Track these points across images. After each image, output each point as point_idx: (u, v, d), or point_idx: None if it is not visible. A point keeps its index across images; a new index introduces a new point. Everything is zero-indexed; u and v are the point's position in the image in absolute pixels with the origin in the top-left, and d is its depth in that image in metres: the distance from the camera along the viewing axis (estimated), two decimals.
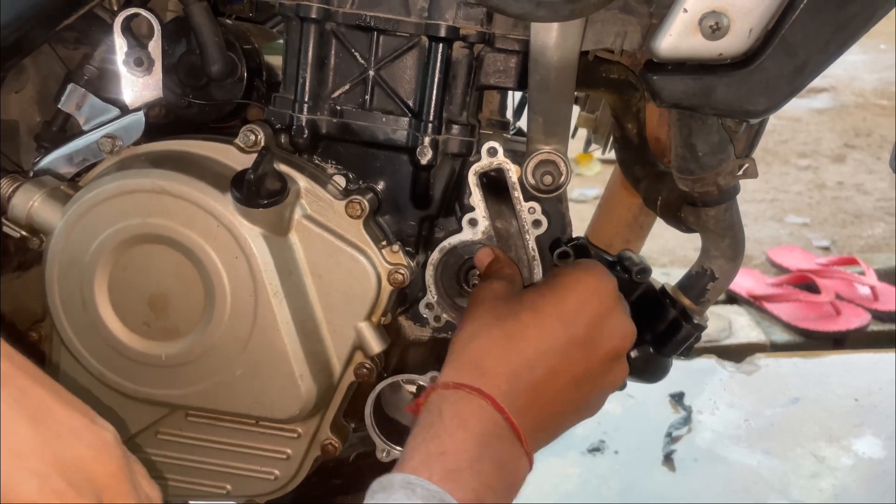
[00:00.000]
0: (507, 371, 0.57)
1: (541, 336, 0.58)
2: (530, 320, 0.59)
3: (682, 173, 0.69)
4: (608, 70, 0.76)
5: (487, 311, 0.61)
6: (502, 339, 0.58)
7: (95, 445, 0.45)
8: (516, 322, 0.59)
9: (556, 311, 0.59)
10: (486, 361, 0.57)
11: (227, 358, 0.66)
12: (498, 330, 0.58)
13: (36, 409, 0.45)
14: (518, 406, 0.56)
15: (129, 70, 0.68)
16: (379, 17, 0.66)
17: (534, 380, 0.57)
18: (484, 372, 0.56)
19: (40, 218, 0.66)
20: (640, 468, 1.69)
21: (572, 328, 0.59)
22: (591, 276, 0.62)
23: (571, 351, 0.59)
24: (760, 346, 2.17)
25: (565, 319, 0.59)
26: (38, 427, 0.44)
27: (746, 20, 0.54)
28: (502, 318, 0.59)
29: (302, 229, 0.67)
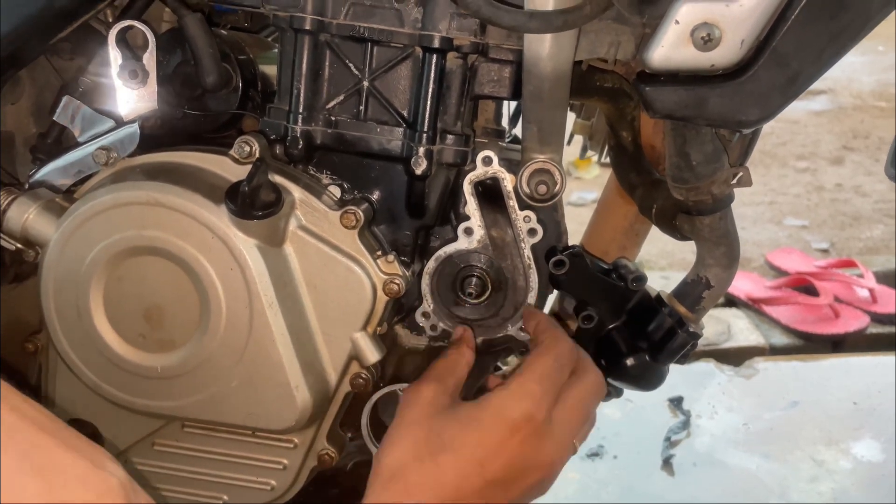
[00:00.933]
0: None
1: (457, 482, 0.58)
2: (447, 463, 0.59)
3: (676, 182, 0.69)
4: (602, 79, 0.76)
5: (408, 442, 0.61)
6: (418, 483, 0.58)
7: (99, 491, 0.46)
8: (433, 465, 0.59)
9: (473, 454, 0.59)
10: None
11: (223, 369, 0.66)
12: (415, 473, 0.59)
13: (42, 460, 0.45)
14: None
15: (124, 82, 0.68)
16: (373, 29, 0.67)
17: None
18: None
19: (35, 230, 0.66)
20: (639, 473, 1.69)
21: (489, 472, 0.59)
22: (516, 409, 0.61)
23: (488, 493, 0.59)
24: (759, 350, 2.17)
25: (483, 462, 0.59)
26: (44, 477, 0.44)
27: (738, 31, 0.55)
28: (420, 459, 0.59)
29: (297, 240, 0.67)
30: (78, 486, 0.45)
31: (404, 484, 0.59)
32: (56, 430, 0.47)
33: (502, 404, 0.61)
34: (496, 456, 0.59)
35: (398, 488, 0.59)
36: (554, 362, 0.65)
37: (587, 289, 0.75)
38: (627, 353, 0.76)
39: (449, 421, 0.61)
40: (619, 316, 0.76)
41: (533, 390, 0.62)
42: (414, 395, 0.64)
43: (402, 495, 0.58)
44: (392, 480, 0.59)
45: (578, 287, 0.75)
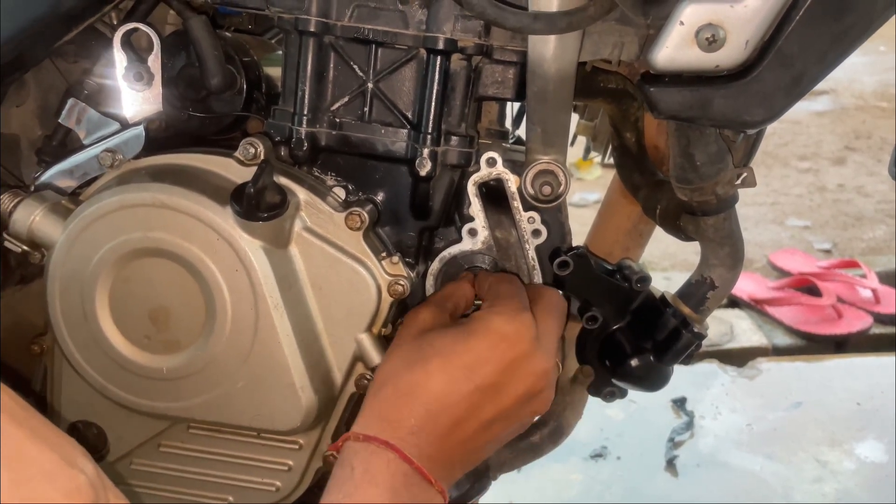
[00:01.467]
0: (412, 423, 0.58)
1: (445, 387, 0.59)
2: (436, 368, 0.59)
3: (680, 183, 0.69)
4: (606, 80, 0.76)
5: (402, 352, 0.62)
6: (408, 388, 0.59)
7: (67, 489, 0.45)
8: (423, 371, 0.59)
9: (462, 360, 0.60)
10: (393, 413, 0.58)
11: (229, 370, 0.66)
12: (405, 379, 0.60)
13: (9, 451, 0.44)
14: (427, 453, 0.58)
15: (129, 84, 0.68)
16: (377, 30, 0.67)
17: (440, 430, 0.59)
18: (391, 423, 0.58)
19: (41, 233, 0.66)
20: (643, 474, 1.69)
21: (478, 377, 0.60)
22: (503, 320, 0.62)
23: (477, 398, 0.60)
24: (762, 350, 2.17)
25: (472, 367, 0.60)
26: (10, 470, 0.43)
27: (743, 32, 0.55)
28: (411, 365, 0.60)
29: (302, 242, 0.67)
30: (44, 482, 0.44)
31: (393, 388, 0.59)
32: (27, 419, 0.46)
33: (490, 318, 0.62)
34: (485, 363, 0.60)
35: (387, 393, 0.60)
36: (514, 284, 0.67)
37: (591, 289, 0.75)
38: (632, 353, 0.76)
39: (441, 334, 0.62)
40: (623, 317, 0.76)
41: (514, 305, 0.63)
42: (412, 317, 0.66)
43: (390, 400, 0.59)
44: (382, 387, 0.60)
45: (582, 288, 0.75)
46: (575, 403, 0.88)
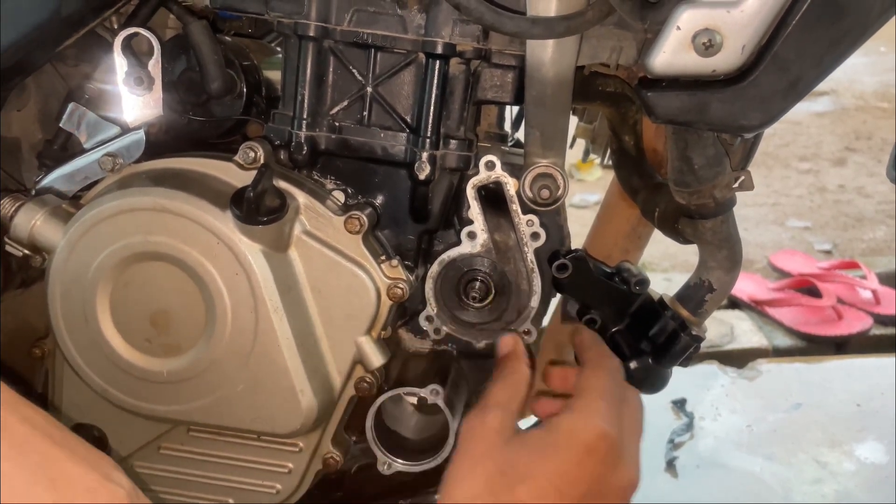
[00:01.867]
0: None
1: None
2: (525, 495, 0.55)
3: (678, 186, 0.70)
4: (604, 83, 0.77)
5: (480, 475, 0.57)
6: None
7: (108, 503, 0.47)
8: (510, 499, 0.55)
9: (550, 482, 0.55)
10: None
11: (229, 373, 0.67)
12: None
13: (54, 472, 0.46)
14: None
15: (130, 89, 0.69)
16: (376, 35, 0.67)
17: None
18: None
19: (42, 237, 0.67)
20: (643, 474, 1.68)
21: (569, 498, 0.56)
22: (590, 430, 0.57)
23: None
24: (762, 351, 2.17)
25: (563, 490, 0.55)
26: (56, 490, 0.46)
27: (739, 37, 0.55)
28: (496, 493, 0.55)
29: (301, 245, 0.67)
30: (87, 498, 0.46)
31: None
32: (65, 440, 0.48)
33: (574, 426, 0.57)
34: (575, 482, 0.56)
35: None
36: (610, 377, 0.62)
37: (590, 292, 0.75)
38: (631, 356, 0.76)
39: (520, 450, 0.57)
40: (622, 319, 0.76)
41: (601, 408, 0.58)
42: (479, 425, 0.60)
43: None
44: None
45: (581, 291, 0.75)
46: None
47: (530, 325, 0.75)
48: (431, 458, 0.71)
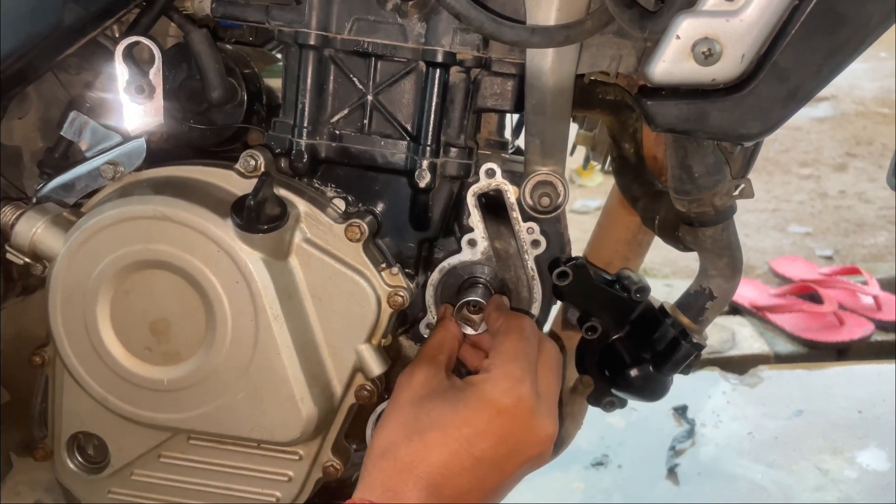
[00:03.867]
0: (415, 495, 0.57)
1: (446, 459, 0.58)
2: (435, 441, 0.59)
3: (678, 194, 0.70)
4: (604, 91, 0.77)
5: (399, 421, 0.61)
6: (408, 461, 0.58)
7: None
8: (422, 443, 0.59)
9: (461, 432, 0.59)
10: (396, 485, 0.58)
11: (229, 382, 0.67)
12: (404, 451, 0.59)
13: None
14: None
15: (131, 97, 0.69)
16: (377, 43, 0.67)
17: (444, 501, 0.58)
18: (395, 494, 0.57)
19: (43, 245, 0.67)
20: (644, 482, 1.68)
21: (478, 450, 0.59)
22: (502, 392, 0.60)
23: (479, 470, 0.59)
24: (764, 358, 2.16)
25: (471, 440, 0.59)
26: None
27: (738, 46, 0.55)
28: (409, 436, 0.59)
29: (302, 253, 0.67)
30: None
31: (393, 460, 0.59)
32: None
33: (485, 389, 0.61)
34: (484, 435, 0.59)
35: (387, 465, 0.59)
36: (521, 338, 0.65)
37: (590, 300, 0.75)
38: (631, 363, 0.76)
39: (437, 401, 0.61)
40: (622, 326, 0.76)
41: (513, 371, 0.62)
42: (406, 378, 0.64)
43: (391, 471, 0.58)
44: (382, 458, 0.59)
45: (582, 298, 0.75)
46: (575, 414, 0.88)
47: None
48: None
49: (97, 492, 0.75)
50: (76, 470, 0.75)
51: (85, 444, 0.75)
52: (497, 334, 0.67)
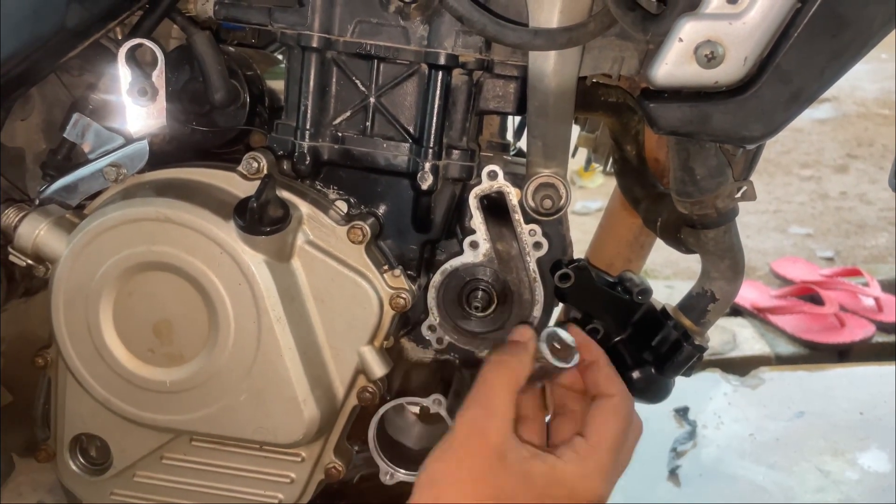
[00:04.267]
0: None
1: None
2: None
3: (680, 196, 0.70)
4: (606, 94, 0.77)
5: (472, 495, 0.57)
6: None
7: None
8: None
9: None
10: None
11: (231, 383, 0.67)
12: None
13: None
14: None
15: (134, 99, 0.69)
16: (379, 46, 0.67)
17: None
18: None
19: (46, 247, 0.67)
20: (645, 483, 1.68)
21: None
22: (587, 491, 0.59)
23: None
24: (765, 359, 2.16)
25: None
26: None
27: (741, 49, 0.55)
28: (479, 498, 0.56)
29: (304, 255, 0.67)
30: None
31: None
32: None
33: (577, 485, 0.58)
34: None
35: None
36: (623, 426, 0.62)
37: (592, 302, 0.75)
38: (633, 365, 0.76)
39: (519, 483, 0.57)
40: (624, 329, 0.76)
41: (603, 463, 0.59)
42: (479, 436, 0.58)
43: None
44: None
45: (584, 300, 0.75)
46: None
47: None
48: None
49: (99, 493, 0.75)
50: (78, 471, 0.75)
51: (87, 445, 0.75)
52: (595, 406, 0.62)
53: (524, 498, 0.56)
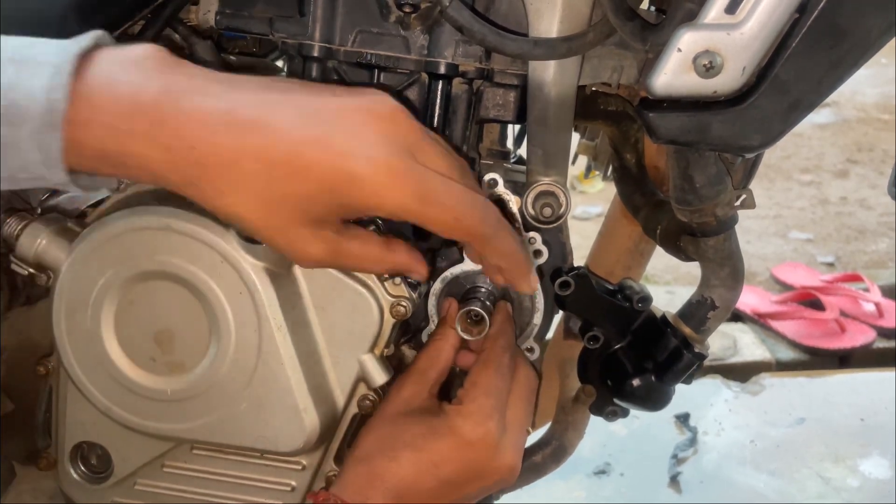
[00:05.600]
0: (382, 502, 0.63)
1: (413, 477, 0.64)
2: (406, 460, 0.63)
3: (680, 204, 0.70)
4: (606, 102, 0.77)
5: (380, 433, 0.66)
6: (381, 471, 0.63)
7: None
8: (394, 459, 0.64)
9: (429, 457, 0.64)
10: (367, 490, 0.63)
11: (232, 392, 0.67)
12: (378, 461, 0.64)
13: None
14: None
15: None
16: (380, 55, 0.68)
17: None
18: (365, 497, 0.63)
19: (48, 256, 0.67)
20: (646, 490, 1.68)
21: (443, 473, 0.64)
22: (471, 427, 0.64)
23: (441, 490, 0.64)
24: (766, 365, 2.16)
25: (438, 465, 0.64)
26: None
27: (739, 59, 0.55)
28: (384, 450, 0.64)
29: None
30: None
31: (368, 468, 0.64)
32: None
33: (459, 422, 0.65)
34: (451, 462, 0.64)
35: (363, 470, 0.64)
36: (497, 373, 0.68)
37: (592, 309, 0.76)
38: (633, 373, 0.76)
39: (416, 422, 0.66)
40: (624, 336, 0.77)
41: (484, 407, 0.65)
42: (395, 391, 0.69)
43: (365, 477, 0.63)
44: (359, 463, 0.64)
45: (584, 308, 0.76)
46: (577, 423, 0.88)
47: (533, 342, 0.76)
48: None
49: (100, 501, 0.75)
50: (79, 479, 0.75)
51: (88, 453, 0.75)
52: (477, 363, 0.69)
53: (416, 433, 0.65)
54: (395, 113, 0.52)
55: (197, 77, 0.50)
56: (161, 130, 0.47)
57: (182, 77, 0.49)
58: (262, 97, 0.50)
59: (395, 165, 0.50)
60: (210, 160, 0.48)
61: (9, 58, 0.47)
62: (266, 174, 0.49)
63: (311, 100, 0.51)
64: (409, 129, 0.53)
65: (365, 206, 0.51)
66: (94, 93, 0.47)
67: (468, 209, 0.54)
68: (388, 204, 0.51)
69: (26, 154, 0.47)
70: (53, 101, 0.46)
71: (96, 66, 0.48)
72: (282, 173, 0.49)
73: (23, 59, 0.47)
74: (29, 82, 0.46)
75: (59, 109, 0.46)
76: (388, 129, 0.51)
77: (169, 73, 0.49)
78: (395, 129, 0.52)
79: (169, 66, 0.49)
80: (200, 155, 0.48)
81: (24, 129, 0.46)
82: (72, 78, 0.47)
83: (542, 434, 0.94)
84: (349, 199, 0.50)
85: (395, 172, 0.50)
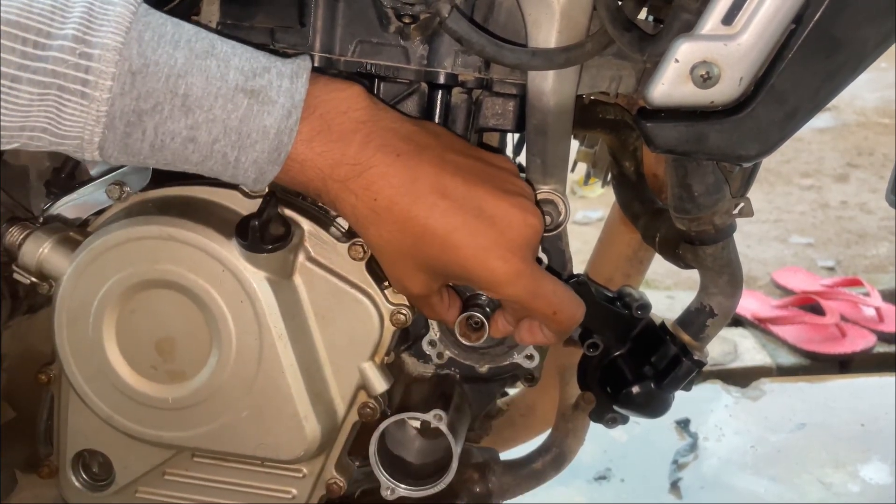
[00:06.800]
0: None
1: None
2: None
3: (678, 213, 0.70)
4: (604, 111, 0.78)
5: None
6: None
7: None
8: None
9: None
10: None
11: (233, 400, 0.67)
12: None
13: None
14: None
15: None
16: (380, 65, 0.68)
17: None
18: None
19: (50, 265, 0.68)
20: (647, 496, 1.68)
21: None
22: None
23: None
24: (766, 370, 2.16)
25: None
26: None
27: (736, 69, 0.56)
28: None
29: (306, 272, 0.68)
30: None
31: None
32: None
33: None
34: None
35: None
36: None
37: (592, 317, 0.76)
38: (633, 380, 0.76)
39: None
40: (623, 344, 0.77)
41: None
42: None
43: None
44: None
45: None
46: (577, 430, 0.88)
47: (533, 349, 0.76)
48: (435, 482, 0.72)
49: None
50: (81, 487, 0.75)
51: (90, 461, 0.75)
52: None
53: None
54: (536, 221, 0.61)
55: (388, 133, 0.59)
56: (356, 182, 0.57)
57: (376, 131, 0.58)
58: (437, 171, 0.59)
59: (523, 270, 0.60)
60: (383, 212, 0.58)
61: (240, 87, 0.54)
62: (419, 236, 0.59)
63: (477, 189, 0.59)
64: (538, 233, 0.61)
65: (484, 287, 0.61)
66: (315, 139, 0.56)
67: (566, 307, 0.64)
68: (506, 292, 0.61)
69: (244, 174, 0.57)
70: (282, 145, 0.55)
71: (316, 111, 0.57)
72: (432, 240, 0.58)
73: (255, 91, 0.55)
74: (261, 120, 0.55)
75: (285, 150, 0.56)
76: (527, 236, 0.60)
77: (370, 124, 0.58)
78: (533, 235, 0.60)
79: (370, 117, 0.58)
80: (379, 207, 0.58)
81: (249, 156, 0.55)
82: (298, 124, 0.55)
83: (543, 441, 0.95)
84: (474, 278, 0.60)
85: (520, 273, 0.60)
